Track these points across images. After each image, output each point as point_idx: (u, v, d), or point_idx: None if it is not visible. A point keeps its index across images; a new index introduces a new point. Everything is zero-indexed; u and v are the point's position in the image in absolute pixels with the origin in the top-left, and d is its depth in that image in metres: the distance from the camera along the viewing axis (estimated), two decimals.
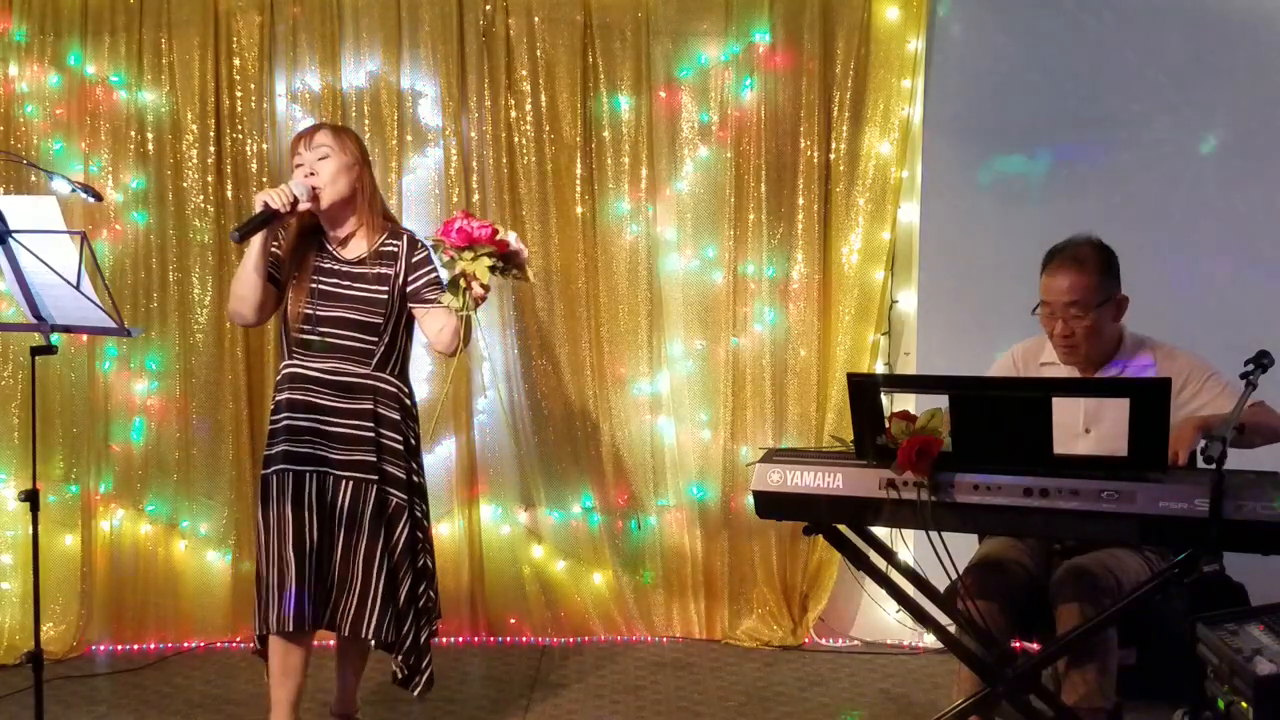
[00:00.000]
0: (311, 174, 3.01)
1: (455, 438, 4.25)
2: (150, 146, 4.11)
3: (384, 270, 3.07)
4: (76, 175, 4.00)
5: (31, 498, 2.84)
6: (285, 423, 3.05)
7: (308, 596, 3.02)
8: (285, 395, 3.07)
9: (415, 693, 3.15)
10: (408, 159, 4.19)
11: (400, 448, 3.09)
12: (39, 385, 2.95)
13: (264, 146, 4.12)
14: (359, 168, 3.08)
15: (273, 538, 3.03)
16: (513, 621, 4.32)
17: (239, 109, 4.12)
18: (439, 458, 4.27)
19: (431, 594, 3.18)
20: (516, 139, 4.19)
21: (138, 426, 4.19)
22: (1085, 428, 3.00)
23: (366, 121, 4.15)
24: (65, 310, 2.82)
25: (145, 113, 4.10)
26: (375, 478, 3.05)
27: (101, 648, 4.17)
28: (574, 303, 4.24)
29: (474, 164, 4.19)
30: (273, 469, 3.05)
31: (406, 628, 3.10)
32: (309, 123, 4.14)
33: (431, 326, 3.08)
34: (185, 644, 4.20)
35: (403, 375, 3.16)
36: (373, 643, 3.13)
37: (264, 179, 4.12)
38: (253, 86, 4.11)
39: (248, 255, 3.00)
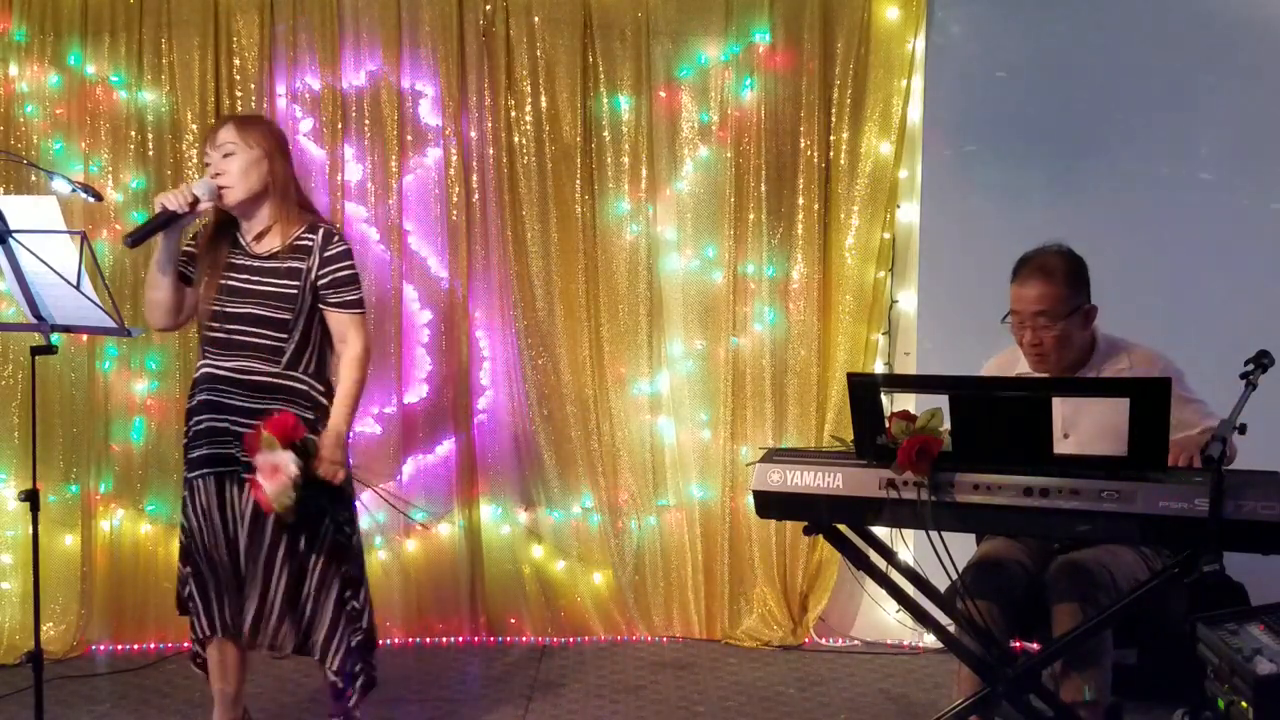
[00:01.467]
0: (218, 173, 2.94)
1: (455, 438, 4.26)
2: (150, 146, 4.11)
3: (296, 264, 2.98)
4: (76, 175, 4.00)
5: (31, 498, 2.84)
6: (206, 425, 2.99)
7: (229, 601, 2.99)
8: (201, 397, 3.00)
9: (351, 704, 3.07)
10: (408, 159, 4.19)
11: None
12: (39, 385, 2.95)
13: None
14: (269, 160, 2.97)
15: (197, 543, 2.99)
16: (513, 621, 4.32)
17: (239, 109, 4.11)
18: (439, 458, 4.27)
19: (355, 604, 3.05)
20: (516, 139, 4.20)
21: (138, 426, 4.19)
22: (1064, 433, 3.00)
23: (367, 121, 4.16)
24: (65, 310, 2.82)
25: (145, 113, 4.10)
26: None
27: (101, 648, 4.17)
28: (574, 303, 4.24)
29: (474, 164, 4.19)
30: (196, 474, 2.99)
31: (336, 637, 3.02)
32: (309, 123, 4.16)
33: (333, 330, 3.02)
34: (185, 644, 4.18)
35: (319, 373, 3.05)
36: (289, 650, 3.03)
37: None
38: (253, 86, 4.11)
39: (154, 257, 2.95)
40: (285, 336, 2.97)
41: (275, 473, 2.79)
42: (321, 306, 3.02)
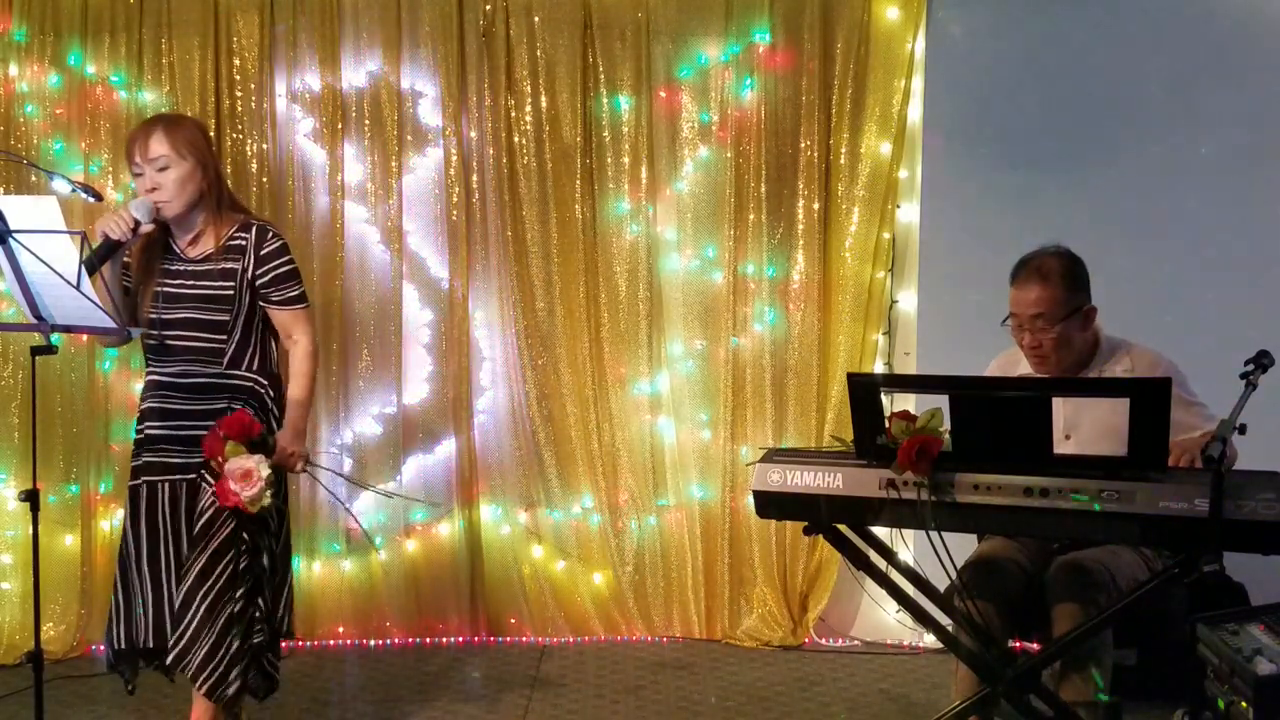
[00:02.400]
0: (153, 188, 2.89)
1: (455, 438, 4.26)
2: None
3: (230, 265, 2.96)
4: (76, 175, 4.00)
5: (31, 498, 2.84)
6: (148, 432, 2.99)
7: (148, 614, 2.94)
8: (146, 404, 3.01)
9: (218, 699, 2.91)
10: (408, 159, 4.19)
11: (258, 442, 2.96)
12: (39, 385, 2.95)
13: (264, 146, 4.12)
14: (202, 169, 2.94)
15: (127, 553, 2.98)
16: (513, 621, 4.32)
17: (239, 109, 4.12)
18: (439, 458, 4.27)
19: (255, 608, 2.94)
20: (516, 139, 4.20)
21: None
22: (1065, 434, 3.00)
23: (367, 121, 4.16)
24: (65, 310, 2.81)
25: (145, 113, 4.08)
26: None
27: (101, 648, 4.16)
28: (574, 303, 4.24)
29: (474, 164, 4.20)
30: (138, 481, 2.98)
31: (215, 637, 2.87)
32: (309, 123, 4.16)
33: (279, 327, 3.03)
34: None
35: (263, 369, 3.04)
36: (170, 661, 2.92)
37: (264, 179, 4.12)
38: (253, 86, 4.11)
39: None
40: (224, 338, 2.97)
41: (248, 478, 2.79)
42: (264, 305, 3.01)
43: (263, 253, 2.99)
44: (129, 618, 3.00)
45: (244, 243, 2.99)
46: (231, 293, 2.96)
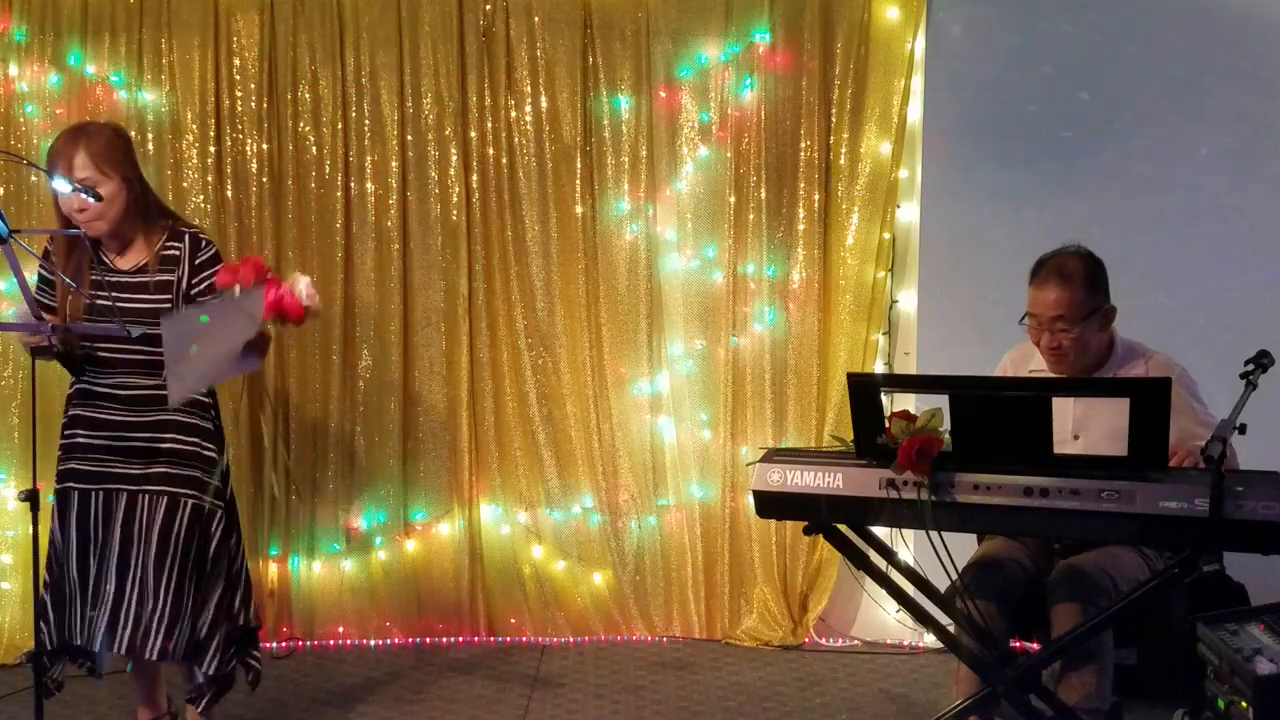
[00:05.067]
0: (81, 209, 2.82)
1: (455, 438, 4.25)
2: (150, 146, 4.10)
3: (165, 277, 2.92)
4: None
5: (31, 498, 2.84)
6: (77, 439, 2.98)
7: (79, 615, 2.95)
8: (76, 411, 2.99)
9: (201, 708, 3.05)
10: (409, 159, 4.19)
11: (205, 452, 3.00)
12: (39, 385, 2.94)
13: (264, 146, 4.12)
14: (128, 184, 2.88)
15: (57, 554, 2.98)
16: (513, 621, 4.32)
17: (239, 109, 4.12)
18: (439, 458, 4.27)
19: (235, 602, 3.07)
20: (516, 139, 4.19)
21: None
22: (1074, 434, 3.00)
23: (367, 121, 4.15)
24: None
25: (145, 113, 4.10)
26: (187, 490, 2.95)
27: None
28: (574, 303, 4.24)
29: (474, 164, 4.19)
30: (63, 485, 2.98)
31: (214, 638, 2.99)
32: (308, 123, 4.15)
33: None
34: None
35: None
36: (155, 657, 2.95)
37: (264, 179, 4.11)
38: (253, 86, 4.11)
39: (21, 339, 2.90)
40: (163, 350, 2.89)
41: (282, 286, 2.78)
42: None
43: (197, 262, 2.95)
44: (61, 618, 2.97)
45: (178, 252, 2.95)
46: (169, 306, 2.91)
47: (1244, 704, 2.55)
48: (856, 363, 4.15)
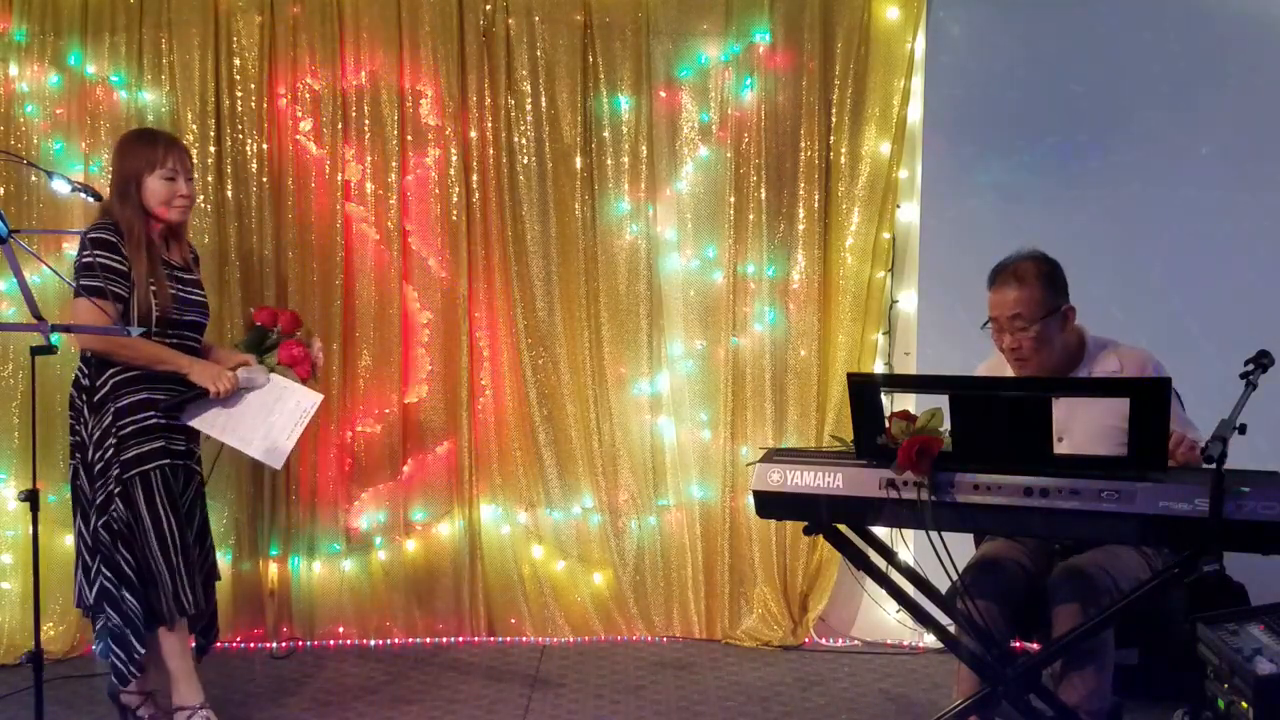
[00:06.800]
0: (185, 196, 3.23)
1: (455, 438, 4.26)
2: None
3: (199, 275, 3.37)
4: (76, 175, 4.00)
5: (31, 498, 2.84)
6: (150, 421, 3.15)
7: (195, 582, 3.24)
8: (143, 395, 3.15)
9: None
10: (408, 159, 4.19)
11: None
12: (39, 385, 2.95)
13: (264, 146, 4.12)
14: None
15: (166, 530, 3.15)
16: (513, 621, 4.32)
17: (239, 109, 4.12)
18: (439, 458, 4.27)
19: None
20: (516, 139, 4.20)
21: None
22: (1058, 436, 3.00)
23: (367, 121, 4.16)
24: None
25: (145, 113, 4.10)
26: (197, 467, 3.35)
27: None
28: (574, 303, 4.24)
29: (474, 164, 4.19)
30: (154, 464, 3.15)
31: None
32: (309, 123, 4.16)
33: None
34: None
35: None
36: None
37: (264, 179, 4.12)
38: (253, 86, 4.11)
39: (157, 355, 3.14)
40: (202, 342, 3.34)
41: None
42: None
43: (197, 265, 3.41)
44: (188, 586, 3.20)
45: (195, 254, 3.41)
46: (207, 301, 3.37)
47: (1244, 704, 2.55)
48: (856, 363, 4.15)
